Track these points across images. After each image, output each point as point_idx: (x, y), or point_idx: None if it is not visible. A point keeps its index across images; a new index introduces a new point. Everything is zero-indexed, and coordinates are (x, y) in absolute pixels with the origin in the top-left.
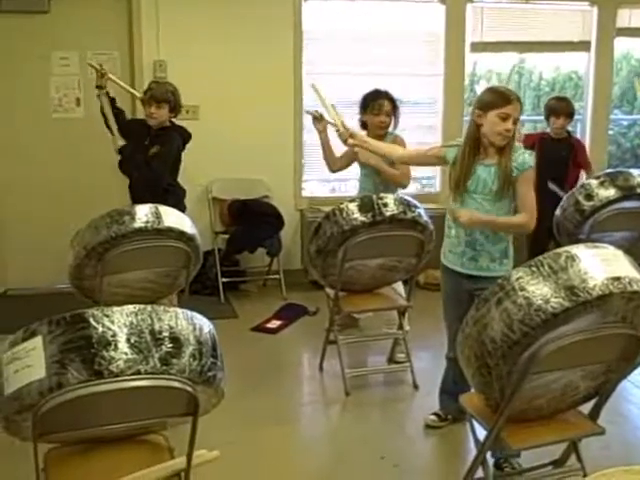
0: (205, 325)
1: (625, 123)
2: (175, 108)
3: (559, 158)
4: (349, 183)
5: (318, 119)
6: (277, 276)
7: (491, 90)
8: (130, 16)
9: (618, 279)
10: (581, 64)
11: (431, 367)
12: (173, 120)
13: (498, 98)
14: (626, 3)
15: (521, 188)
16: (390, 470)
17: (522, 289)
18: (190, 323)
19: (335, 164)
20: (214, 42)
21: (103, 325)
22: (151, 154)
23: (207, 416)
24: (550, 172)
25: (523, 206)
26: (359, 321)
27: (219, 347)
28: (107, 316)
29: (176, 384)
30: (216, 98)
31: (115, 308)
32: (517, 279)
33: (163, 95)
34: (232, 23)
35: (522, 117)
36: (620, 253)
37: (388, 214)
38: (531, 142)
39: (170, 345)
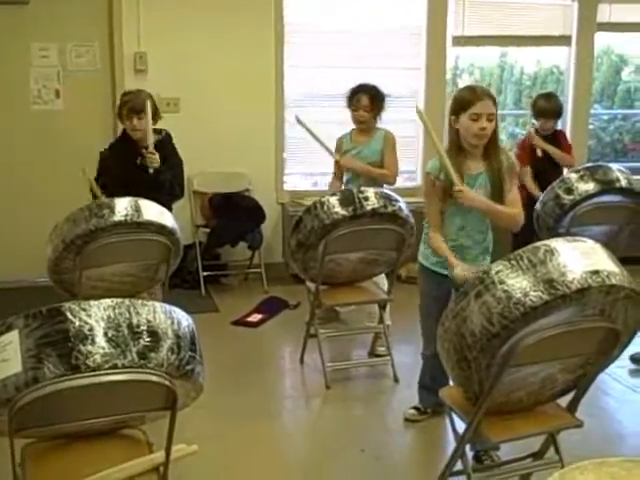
0: (184, 319)
1: (605, 117)
2: (155, 114)
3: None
4: (329, 177)
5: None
6: (258, 270)
7: (459, 91)
8: (110, 7)
9: (597, 273)
10: (562, 59)
11: (412, 360)
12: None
13: (466, 99)
14: None
15: (510, 185)
16: (370, 463)
17: (501, 282)
18: (168, 317)
19: (339, 185)
20: (195, 34)
21: (80, 319)
22: (150, 160)
23: (187, 410)
24: (549, 169)
25: (514, 201)
26: (341, 315)
27: (198, 341)
28: (84, 310)
29: (154, 378)
30: (197, 91)
31: (92, 302)
32: (496, 272)
33: (141, 105)
34: (213, 15)
35: (504, 112)
36: (599, 247)
37: (369, 208)
38: (526, 155)
39: (148, 339)
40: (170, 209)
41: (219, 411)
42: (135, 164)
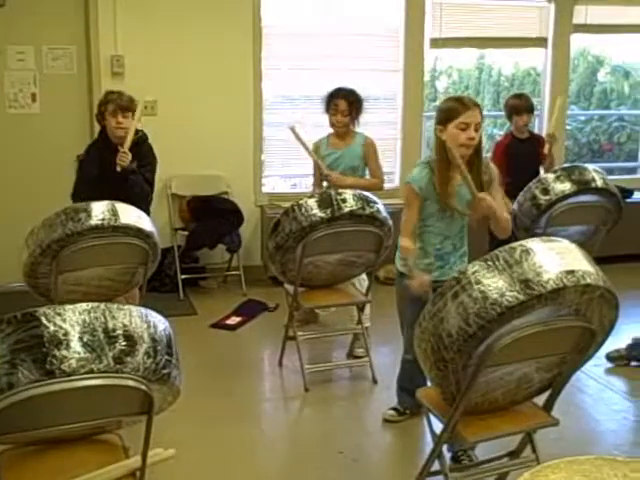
0: (160, 322)
1: (582, 118)
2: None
3: (531, 158)
4: (310, 179)
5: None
6: (237, 272)
7: (446, 101)
8: (87, 10)
9: (572, 272)
10: (539, 60)
11: (391, 361)
12: None
13: (454, 108)
14: (583, 0)
15: (499, 195)
16: (349, 465)
17: (478, 283)
18: (144, 321)
19: (319, 187)
20: (172, 36)
21: (55, 324)
22: (120, 159)
23: (165, 414)
24: (526, 173)
25: (504, 207)
26: (320, 317)
27: (174, 344)
28: (59, 314)
29: (130, 383)
30: (174, 93)
31: (67, 306)
32: (473, 273)
33: (128, 103)
34: (191, 18)
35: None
36: (574, 247)
37: (347, 210)
38: (503, 155)
39: (124, 343)
40: (147, 211)
41: (197, 415)
42: (112, 164)
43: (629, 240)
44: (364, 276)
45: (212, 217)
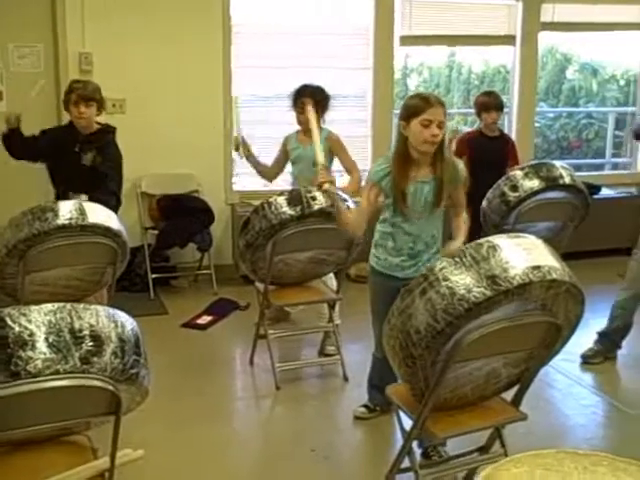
0: (128, 322)
1: (551, 115)
2: (101, 106)
3: (499, 157)
4: (281, 177)
5: (238, 147)
6: (208, 271)
7: (410, 97)
8: (54, 7)
9: (538, 268)
10: (509, 58)
11: (361, 359)
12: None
13: (417, 105)
14: None
15: (461, 195)
16: (320, 462)
17: (445, 279)
18: (112, 320)
19: (271, 175)
20: (142, 34)
21: (20, 325)
22: (90, 163)
23: (135, 414)
24: (492, 172)
25: (461, 204)
26: (291, 315)
27: (143, 344)
28: (24, 315)
29: (97, 383)
30: (144, 91)
31: (33, 307)
32: (441, 269)
33: (91, 93)
34: (160, 16)
35: (452, 111)
36: (540, 242)
37: (317, 207)
38: (465, 147)
39: (91, 343)
40: (113, 207)
41: (168, 414)
42: (72, 152)
43: (597, 236)
44: (332, 274)
45: (182, 216)
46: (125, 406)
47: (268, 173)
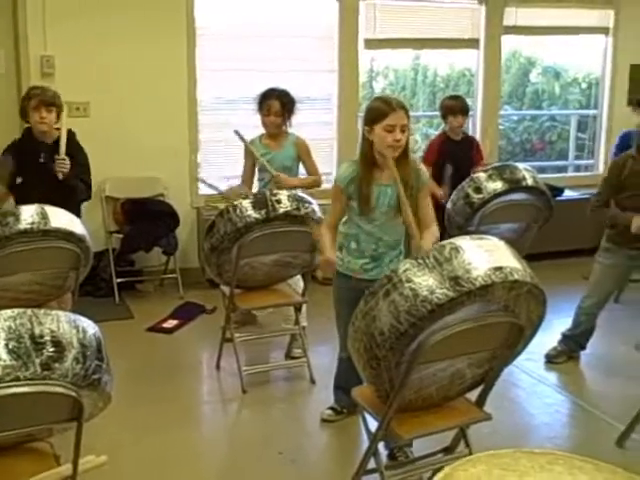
0: (90, 327)
1: (515, 118)
2: (60, 112)
3: (465, 160)
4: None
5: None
6: (174, 275)
7: (373, 101)
8: (15, 10)
9: (500, 269)
10: (473, 61)
11: (328, 361)
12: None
13: (380, 109)
14: (512, 2)
15: (424, 202)
16: (288, 465)
17: (409, 281)
18: (73, 326)
19: (249, 186)
20: (105, 37)
21: None
22: (60, 167)
23: (100, 420)
24: (460, 173)
25: (429, 217)
26: (258, 318)
27: (105, 349)
28: None
29: (58, 389)
30: (108, 94)
31: None
32: (404, 271)
33: (52, 98)
34: (123, 18)
35: (418, 114)
36: (502, 244)
37: (282, 210)
38: (436, 152)
39: (52, 349)
40: (78, 213)
41: (133, 420)
42: (38, 164)
43: (560, 237)
44: (299, 276)
45: (147, 220)
46: (87, 412)
47: (247, 184)
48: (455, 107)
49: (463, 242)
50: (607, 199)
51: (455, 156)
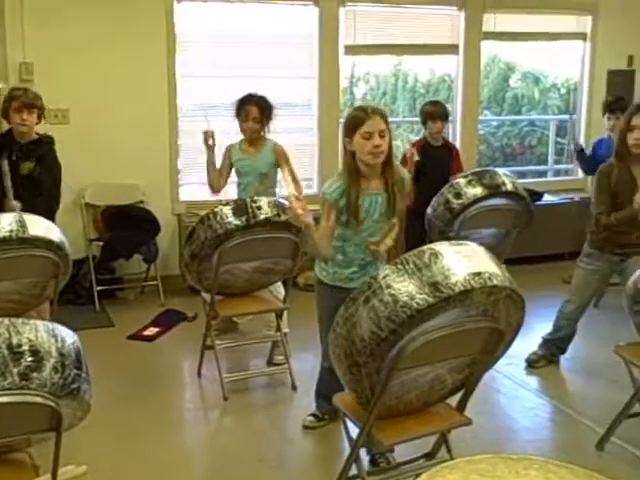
0: (68, 336)
1: (494, 123)
2: (42, 114)
3: (444, 166)
4: (228, 187)
5: (209, 135)
6: (155, 282)
7: (349, 113)
8: None
9: (479, 274)
10: (453, 67)
11: (310, 367)
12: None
13: (355, 118)
14: (491, 8)
15: (402, 204)
16: (269, 472)
17: (388, 287)
18: (52, 335)
19: (219, 183)
20: (84, 44)
21: None
22: (27, 172)
23: (81, 430)
24: (437, 179)
25: (401, 212)
26: (239, 325)
27: (84, 358)
28: None
29: (37, 399)
30: (87, 101)
31: None
32: (384, 277)
33: (33, 100)
34: (103, 25)
35: (398, 119)
36: (481, 249)
37: (262, 217)
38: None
39: (30, 359)
40: (52, 218)
41: (114, 428)
42: (10, 163)
43: (540, 242)
44: (280, 282)
45: (128, 227)
46: (67, 422)
47: (218, 182)
48: (435, 113)
49: (442, 248)
50: (610, 208)
51: (434, 161)
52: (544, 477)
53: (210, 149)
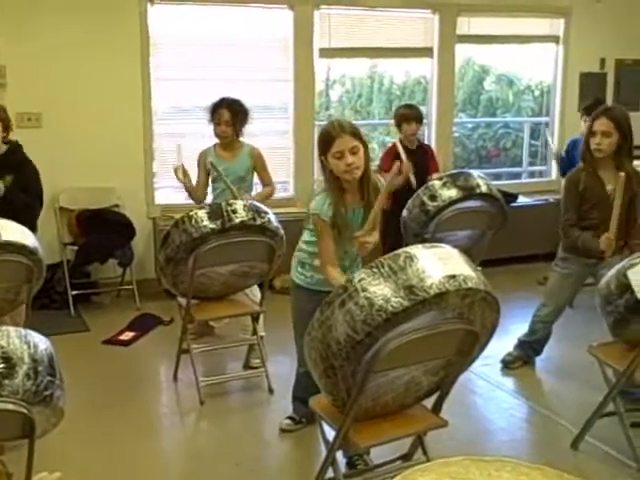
0: (41, 342)
1: (470, 126)
2: (8, 127)
3: (421, 168)
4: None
5: (179, 170)
6: (130, 286)
7: (320, 131)
8: None
9: (454, 277)
10: (428, 69)
11: (287, 370)
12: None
13: (325, 139)
14: (465, 11)
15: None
16: (245, 476)
17: (364, 290)
18: (24, 341)
19: (200, 196)
20: (58, 47)
21: None
22: (8, 185)
23: (56, 436)
24: (416, 181)
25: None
26: (216, 329)
27: (57, 364)
28: None
29: (9, 406)
30: (60, 104)
31: None
32: (359, 280)
33: None
34: (77, 27)
35: (374, 122)
36: (455, 252)
37: (237, 220)
38: (391, 160)
39: (1, 366)
40: (33, 227)
41: (89, 434)
42: None
43: (515, 243)
44: (256, 286)
45: (102, 231)
46: (40, 429)
47: (199, 194)
48: (409, 115)
49: (417, 251)
50: (576, 216)
51: (412, 164)
52: (516, 479)
53: (185, 181)
